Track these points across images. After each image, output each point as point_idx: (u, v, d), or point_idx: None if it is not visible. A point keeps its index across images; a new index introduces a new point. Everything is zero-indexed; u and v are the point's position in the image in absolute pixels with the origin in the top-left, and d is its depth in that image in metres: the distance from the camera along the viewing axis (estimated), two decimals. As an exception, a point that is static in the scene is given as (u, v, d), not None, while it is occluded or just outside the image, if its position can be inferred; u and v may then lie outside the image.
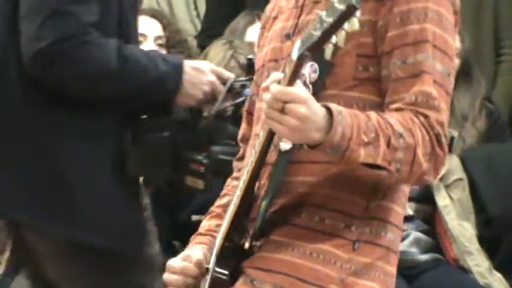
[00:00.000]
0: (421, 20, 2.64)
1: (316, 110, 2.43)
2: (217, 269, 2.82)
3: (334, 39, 2.31)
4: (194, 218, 5.56)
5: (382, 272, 2.78)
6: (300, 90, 2.43)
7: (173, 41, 6.92)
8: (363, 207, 2.75)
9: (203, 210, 3.56)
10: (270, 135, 2.60)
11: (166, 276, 2.92)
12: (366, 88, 2.72)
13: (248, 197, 2.77)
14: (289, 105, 2.38)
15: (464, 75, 6.75)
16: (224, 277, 2.80)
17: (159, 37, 6.79)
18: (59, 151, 3.90)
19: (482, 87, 7.09)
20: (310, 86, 2.58)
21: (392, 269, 2.83)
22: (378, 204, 2.78)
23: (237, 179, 2.96)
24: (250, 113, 3.11)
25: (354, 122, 2.50)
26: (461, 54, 6.67)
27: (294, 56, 2.38)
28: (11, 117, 3.98)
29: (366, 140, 2.51)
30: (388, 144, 2.54)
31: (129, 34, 4.16)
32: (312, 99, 2.43)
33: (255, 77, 3.10)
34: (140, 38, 5.74)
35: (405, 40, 2.61)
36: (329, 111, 2.42)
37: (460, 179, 6.22)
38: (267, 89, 2.49)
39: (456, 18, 2.81)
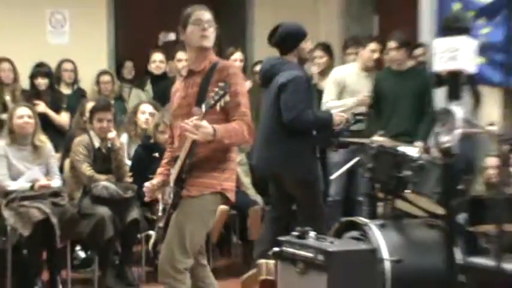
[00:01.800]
0: (238, 94, 5.75)
1: (209, 128, 5.43)
2: (174, 186, 5.79)
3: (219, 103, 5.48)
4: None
5: (232, 179, 6.01)
6: (204, 122, 5.40)
7: None
8: (224, 156, 5.93)
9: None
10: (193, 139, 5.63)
11: (146, 184, 6.12)
12: (224, 117, 5.72)
13: (185, 158, 5.69)
14: (201, 128, 5.37)
15: None
16: (177, 189, 5.76)
17: None
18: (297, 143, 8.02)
19: None
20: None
21: (234, 177, 6.11)
22: (229, 154, 5.97)
23: (171, 159, 6.05)
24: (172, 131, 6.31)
25: (222, 130, 5.58)
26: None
27: (203, 109, 5.42)
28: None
29: (225, 135, 5.64)
30: (232, 134, 5.72)
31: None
32: (208, 125, 5.44)
33: (172, 117, 6.29)
34: None
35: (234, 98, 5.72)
36: (213, 128, 5.44)
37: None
38: (192, 122, 5.43)
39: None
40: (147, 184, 6.02)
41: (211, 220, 6.00)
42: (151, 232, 6.56)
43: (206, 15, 5.81)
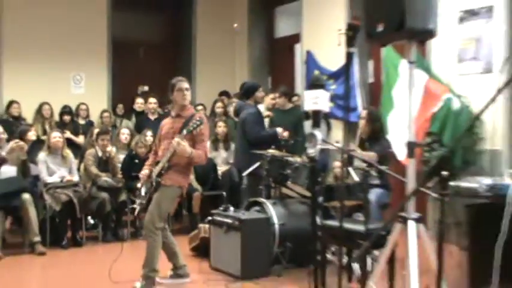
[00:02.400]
0: (203, 134, 6.35)
1: (188, 148, 6.07)
2: (156, 178, 6.23)
3: (195, 130, 6.12)
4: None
5: (189, 180, 6.66)
6: (185, 142, 6.02)
7: None
8: (188, 167, 6.39)
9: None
10: (173, 150, 6.05)
11: (142, 173, 6.59)
12: (192, 143, 6.15)
13: (166, 162, 6.13)
14: (181, 145, 5.98)
15: None
16: (158, 180, 6.18)
17: None
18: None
19: None
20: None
21: (190, 178, 6.76)
22: (191, 166, 6.43)
23: (153, 162, 6.54)
24: (159, 146, 6.56)
25: (195, 153, 6.16)
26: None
27: (185, 133, 6.06)
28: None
29: (196, 156, 6.18)
30: (199, 157, 6.25)
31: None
32: (188, 146, 6.09)
33: (160, 138, 6.65)
34: None
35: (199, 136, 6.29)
36: (191, 150, 6.05)
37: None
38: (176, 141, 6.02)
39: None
40: (142, 173, 6.58)
41: (174, 201, 6.65)
42: (135, 206, 6.72)
43: (185, 85, 6.46)
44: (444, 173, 2.83)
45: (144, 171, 6.60)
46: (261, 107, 10.20)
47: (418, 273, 3.54)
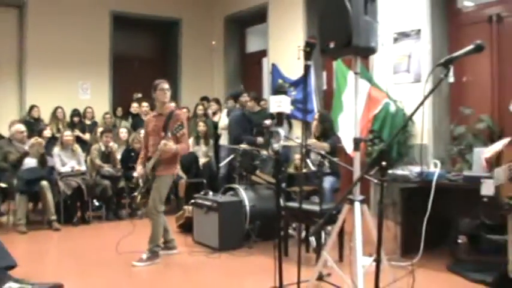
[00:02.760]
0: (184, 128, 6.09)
1: (174, 146, 5.88)
2: (151, 171, 6.04)
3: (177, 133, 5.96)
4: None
5: (177, 168, 6.43)
6: (171, 142, 5.90)
7: None
8: (176, 158, 6.15)
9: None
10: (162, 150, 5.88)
11: (140, 172, 6.36)
12: (175, 139, 5.97)
13: (158, 157, 5.92)
14: (168, 145, 5.83)
15: None
16: (153, 172, 6.04)
17: None
18: None
19: None
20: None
21: (178, 167, 6.62)
22: (178, 157, 6.16)
23: (145, 158, 6.34)
24: (147, 140, 6.40)
25: (179, 147, 6.00)
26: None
27: (169, 135, 5.94)
28: None
29: (180, 150, 6.03)
30: (182, 150, 6.11)
31: None
32: (173, 145, 5.93)
33: (146, 135, 6.50)
34: None
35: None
36: (176, 147, 5.87)
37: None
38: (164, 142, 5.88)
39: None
40: (138, 171, 6.42)
41: (169, 187, 6.42)
42: (136, 194, 6.52)
43: (166, 85, 6.32)
44: (383, 163, 2.85)
45: (140, 168, 6.45)
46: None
47: (362, 244, 3.57)
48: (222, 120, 10.41)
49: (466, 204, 6.00)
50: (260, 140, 8.64)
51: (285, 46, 11.08)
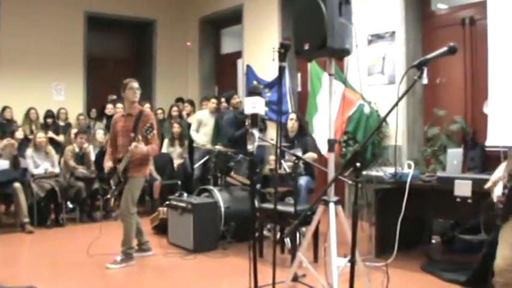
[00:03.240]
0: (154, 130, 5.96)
1: (144, 148, 5.85)
2: (122, 173, 6.01)
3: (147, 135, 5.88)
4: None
5: (149, 170, 6.50)
6: (142, 144, 5.84)
7: None
8: (148, 159, 6.16)
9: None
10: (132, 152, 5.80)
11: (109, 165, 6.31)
12: (146, 140, 5.93)
13: (129, 159, 5.85)
14: (139, 147, 5.73)
15: None
16: (125, 174, 5.98)
17: None
18: None
19: None
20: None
21: (150, 168, 7.04)
22: (150, 158, 6.18)
23: (118, 160, 6.18)
24: (115, 140, 6.33)
25: (149, 148, 5.97)
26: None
27: (140, 137, 5.82)
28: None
29: (150, 150, 6.04)
30: (153, 151, 6.16)
31: None
32: (144, 146, 5.88)
33: (114, 135, 6.39)
34: None
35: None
36: (147, 148, 5.81)
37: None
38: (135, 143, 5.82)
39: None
40: (107, 165, 6.38)
41: (141, 188, 6.36)
42: (109, 196, 6.63)
43: (135, 84, 6.22)
44: (357, 164, 2.86)
45: (108, 163, 6.41)
46: (205, 112, 10.29)
47: (337, 245, 3.58)
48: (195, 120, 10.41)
49: (440, 204, 6.07)
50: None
51: (260, 48, 11.09)
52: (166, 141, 10.54)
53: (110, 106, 11.57)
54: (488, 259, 4.52)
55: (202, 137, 10.16)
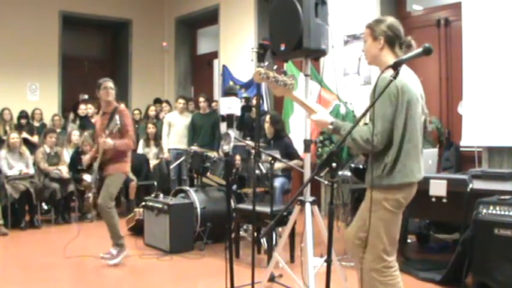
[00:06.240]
0: (127, 125, 6.06)
1: (111, 142, 5.77)
2: (98, 170, 5.99)
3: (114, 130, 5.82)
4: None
5: (128, 166, 6.20)
6: (109, 139, 5.82)
7: None
8: (125, 155, 6.06)
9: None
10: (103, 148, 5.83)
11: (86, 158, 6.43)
12: (120, 136, 5.97)
13: (101, 156, 5.86)
14: (106, 142, 5.76)
15: None
16: (100, 172, 5.99)
17: None
18: None
19: None
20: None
21: (129, 165, 6.23)
22: (127, 154, 6.04)
23: (94, 157, 6.19)
24: (97, 139, 6.22)
25: (118, 143, 5.97)
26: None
27: (107, 133, 5.81)
28: None
29: (120, 145, 5.99)
30: (124, 145, 6.10)
31: None
32: (110, 141, 5.86)
33: (96, 134, 6.37)
34: None
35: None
36: (114, 143, 5.74)
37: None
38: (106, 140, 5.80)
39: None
40: (85, 158, 6.49)
41: (120, 185, 6.40)
42: (89, 195, 6.63)
43: (110, 84, 6.25)
44: (333, 164, 2.86)
45: (86, 157, 6.51)
46: (175, 113, 10.25)
47: (313, 245, 3.59)
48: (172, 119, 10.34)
49: (415, 204, 5.99)
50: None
51: (236, 48, 11.15)
52: (141, 142, 10.49)
53: (82, 106, 11.45)
54: (463, 258, 4.62)
55: (172, 137, 10.13)
